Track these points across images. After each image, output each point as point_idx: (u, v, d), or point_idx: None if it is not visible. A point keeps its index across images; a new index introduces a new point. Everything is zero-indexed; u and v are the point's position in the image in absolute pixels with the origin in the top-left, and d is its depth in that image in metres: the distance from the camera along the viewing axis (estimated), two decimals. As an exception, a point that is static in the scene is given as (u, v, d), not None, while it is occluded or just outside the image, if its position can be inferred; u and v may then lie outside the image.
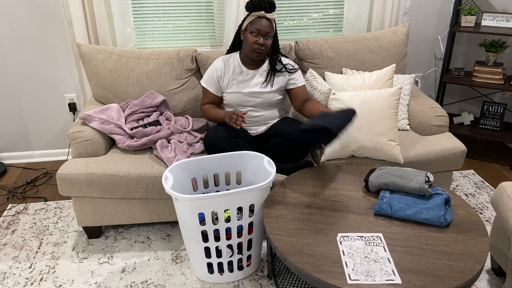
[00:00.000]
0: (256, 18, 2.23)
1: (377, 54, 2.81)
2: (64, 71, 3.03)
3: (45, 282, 2.15)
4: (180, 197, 1.81)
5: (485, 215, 2.60)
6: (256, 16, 2.23)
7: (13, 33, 2.88)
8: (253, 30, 2.23)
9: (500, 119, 3.16)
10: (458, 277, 1.49)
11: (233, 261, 2.07)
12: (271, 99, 2.38)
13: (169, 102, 2.62)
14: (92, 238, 2.44)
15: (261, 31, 2.22)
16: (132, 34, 2.87)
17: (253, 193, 1.89)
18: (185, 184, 2.13)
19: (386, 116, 2.28)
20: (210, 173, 2.18)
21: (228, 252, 2.03)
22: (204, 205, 1.84)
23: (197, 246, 1.99)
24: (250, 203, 1.91)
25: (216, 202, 1.85)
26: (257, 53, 2.26)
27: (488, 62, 3.09)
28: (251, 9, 2.24)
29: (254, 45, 2.23)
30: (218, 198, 1.84)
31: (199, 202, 1.83)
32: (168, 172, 1.99)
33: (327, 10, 3.14)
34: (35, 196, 2.84)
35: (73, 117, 3.17)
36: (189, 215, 1.88)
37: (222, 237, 1.96)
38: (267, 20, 2.23)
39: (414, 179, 1.85)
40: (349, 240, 1.67)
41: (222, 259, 2.04)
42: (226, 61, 2.38)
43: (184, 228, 1.98)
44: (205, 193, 2.22)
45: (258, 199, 1.93)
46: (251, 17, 2.24)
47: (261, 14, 2.21)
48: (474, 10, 3.02)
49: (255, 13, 2.23)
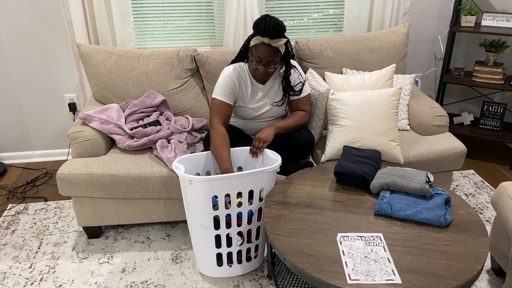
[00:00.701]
0: (260, 44, 2.05)
1: (377, 54, 2.81)
2: (64, 71, 3.03)
3: (45, 282, 2.15)
4: (195, 179, 1.84)
5: (485, 215, 2.60)
6: (260, 41, 2.05)
7: (13, 33, 2.88)
8: (255, 57, 2.08)
9: (500, 119, 3.16)
10: (458, 277, 1.49)
11: (242, 251, 2.10)
12: (278, 110, 2.34)
13: (169, 102, 2.62)
14: (92, 238, 2.44)
15: (263, 59, 2.07)
16: (132, 34, 2.87)
17: (264, 176, 1.95)
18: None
19: (386, 116, 2.28)
20: (213, 169, 2.19)
21: (238, 239, 2.06)
22: (218, 186, 1.88)
23: (207, 236, 2.01)
24: (261, 186, 1.97)
25: (230, 184, 1.89)
26: (259, 79, 2.20)
27: (488, 62, 3.09)
28: (256, 32, 2.06)
29: (256, 72, 2.13)
30: (232, 179, 1.88)
31: (214, 183, 1.86)
32: (177, 163, 2.02)
33: (327, 10, 3.14)
34: (35, 196, 2.84)
35: (73, 117, 3.17)
36: (203, 199, 1.90)
37: (233, 223, 1.99)
38: (271, 48, 2.05)
39: (415, 179, 1.85)
40: (349, 240, 1.67)
41: (232, 248, 2.07)
42: (237, 73, 2.22)
43: (194, 216, 1.99)
44: None
45: (268, 183, 1.99)
46: (255, 40, 2.06)
47: (265, 40, 2.03)
48: (474, 10, 3.02)
49: (259, 37, 2.04)
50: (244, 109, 2.29)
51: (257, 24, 2.05)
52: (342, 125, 2.30)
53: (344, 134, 2.29)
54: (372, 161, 2.05)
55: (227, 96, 2.18)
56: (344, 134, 2.29)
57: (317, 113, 2.38)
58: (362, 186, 1.98)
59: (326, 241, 1.67)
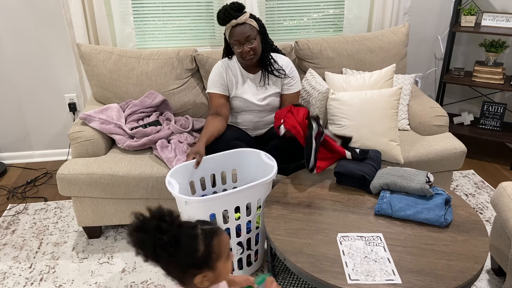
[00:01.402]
0: (231, 29, 2.14)
1: (377, 54, 2.81)
2: (64, 71, 3.03)
3: (45, 282, 2.15)
4: (191, 200, 1.80)
5: (485, 215, 2.60)
6: (230, 27, 2.14)
7: (13, 33, 2.88)
8: (234, 42, 2.16)
9: (500, 119, 3.16)
10: (458, 277, 1.49)
11: (243, 258, 2.08)
12: (273, 102, 2.36)
13: (169, 102, 2.62)
14: (92, 238, 2.44)
15: (240, 40, 2.14)
16: (132, 34, 2.87)
17: (260, 188, 1.92)
18: (185, 189, 2.12)
19: (386, 116, 2.27)
20: (207, 174, 2.16)
21: (238, 249, 2.04)
22: (215, 205, 1.85)
23: None
24: (258, 197, 1.94)
25: (226, 201, 1.86)
26: (248, 59, 2.21)
27: (488, 62, 3.09)
28: (221, 23, 2.17)
29: (242, 54, 2.18)
30: (228, 196, 1.84)
31: (211, 203, 1.83)
32: (170, 177, 1.96)
33: (327, 10, 3.14)
34: (35, 196, 2.84)
35: (73, 117, 3.18)
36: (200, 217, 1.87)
37: (232, 235, 1.97)
38: (240, 25, 2.13)
39: (415, 179, 1.85)
40: (349, 240, 1.67)
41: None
42: (226, 64, 2.33)
43: None
44: (204, 195, 2.22)
45: (265, 193, 1.97)
46: (227, 30, 2.17)
47: (232, 23, 2.13)
48: (474, 10, 3.02)
49: (227, 25, 2.15)
50: (238, 99, 2.32)
51: (218, 16, 2.16)
52: (342, 125, 2.30)
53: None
54: (372, 161, 2.05)
55: (217, 86, 2.30)
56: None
57: (317, 112, 2.38)
58: (362, 186, 1.98)
59: (326, 241, 1.67)
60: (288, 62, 2.36)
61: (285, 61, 2.35)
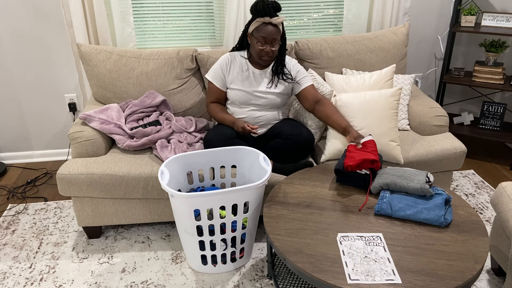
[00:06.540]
0: (261, 25, 2.15)
1: (377, 54, 2.81)
2: (64, 71, 3.03)
3: (45, 282, 2.15)
4: (176, 195, 1.83)
5: (485, 215, 2.60)
6: (261, 22, 2.15)
7: (13, 33, 2.88)
8: (258, 38, 2.17)
9: (500, 119, 3.16)
10: (458, 277, 1.49)
11: (226, 254, 2.10)
12: (274, 100, 2.37)
13: (169, 102, 2.62)
14: (92, 238, 2.44)
15: (267, 39, 2.16)
16: (132, 34, 2.87)
17: (248, 191, 1.91)
18: (181, 178, 2.16)
19: (386, 117, 2.28)
20: (206, 167, 2.20)
21: (222, 245, 2.06)
22: (199, 202, 1.87)
23: (191, 240, 2.02)
24: (245, 200, 1.94)
25: (211, 200, 1.87)
26: (264, 60, 2.23)
27: (488, 62, 3.09)
28: (255, 14, 2.17)
29: (261, 52, 2.20)
30: (213, 196, 1.86)
31: (195, 200, 1.85)
32: (164, 167, 2.01)
33: (327, 10, 3.14)
34: (35, 196, 2.84)
35: (73, 117, 3.18)
36: (184, 211, 1.90)
37: (216, 231, 1.99)
38: (272, 26, 2.15)
39: (415, 179, 1.85)
40: (349, 240, 1.67)
41: (215, 252, 2.08)
42: (233, 56, 2.36)
43: (179, 222, 2.01)
44: (200, 187, 2.26)
45: (254, 197, 1.95)
46: (256, 23, 2.17)
47: (266, 20, 2.14)
48: (474, 10, 3.02)
49: (259, 19, 2.16)
50: (241, 92, 2.34)
51: (255, 6, 2.15)
52: (342, 125, 2.30)
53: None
54: None
55: (217, 80, 2.36)
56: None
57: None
58: (362, 185, 1.98)
59: (326, 241, 1.67)
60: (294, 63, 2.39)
61: (292, 63, 2.39)
